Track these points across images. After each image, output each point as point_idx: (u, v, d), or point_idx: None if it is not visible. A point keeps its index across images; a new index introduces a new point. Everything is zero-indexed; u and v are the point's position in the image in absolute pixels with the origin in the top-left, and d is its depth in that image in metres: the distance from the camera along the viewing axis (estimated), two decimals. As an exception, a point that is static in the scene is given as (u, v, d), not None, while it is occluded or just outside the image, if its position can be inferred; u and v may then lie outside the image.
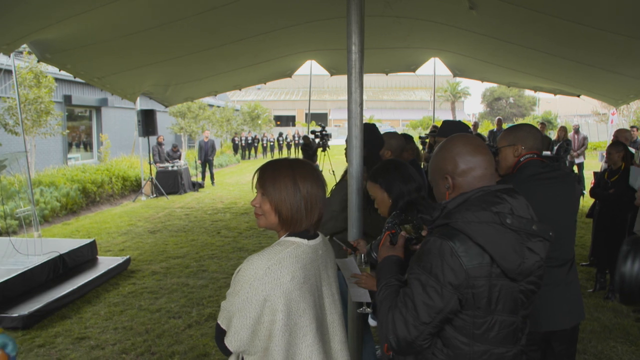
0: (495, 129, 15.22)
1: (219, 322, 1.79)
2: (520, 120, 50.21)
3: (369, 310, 2.76)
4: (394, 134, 4.33)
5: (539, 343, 2.72)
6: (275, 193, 1.82)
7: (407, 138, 5.14)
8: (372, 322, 4.54)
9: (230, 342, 1.75)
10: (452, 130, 3.56)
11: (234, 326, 1.73)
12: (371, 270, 2.64)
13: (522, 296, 1.78)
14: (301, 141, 35.33)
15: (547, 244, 1.80)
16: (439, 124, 10.19)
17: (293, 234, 1.84)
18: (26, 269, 6.07)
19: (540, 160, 2.78)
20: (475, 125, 15.39)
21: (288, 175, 1.82)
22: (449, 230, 1.74)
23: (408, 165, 2.75)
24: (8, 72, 11.80)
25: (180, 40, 6.93)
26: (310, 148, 12.89)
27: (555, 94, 10.09)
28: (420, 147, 9.73)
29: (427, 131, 11.53)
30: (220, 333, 1.79)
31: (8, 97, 13.34)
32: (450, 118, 37.50)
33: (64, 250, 6.78)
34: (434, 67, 12.28)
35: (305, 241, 1.83)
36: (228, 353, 1.80)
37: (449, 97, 59.61)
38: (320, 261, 1.88)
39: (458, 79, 32.74)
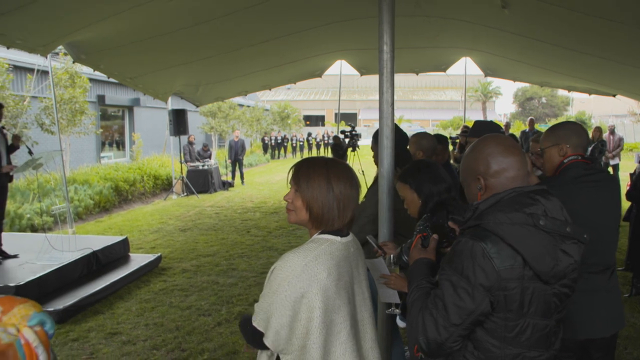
0: (527, 130, 15.00)
1: (255, 324, 1.78)
2: (554, 121, 49.39)
3: (397, 311, 2.75)
4: (426, 134, 4.29)
5: (575, 350, 2.64)
6: (308, 190, 1.82)
7: (440, 139, 5.06)
8: (400, 324, 4.50)
9: (270, 342, 1.75)
10: (485, 130, 3.51)
11: (273, 326, 1.73)
12: (400, 271, 2.62)
13: (556, 299, 1.75)
14: (331, 141, 35.29)
15: (582, 246, 1.77)
16: (470, 124, 10.08)
17: (326, 231, 1.83)
18: (61, 265, 6.20)
19: (584, 162, 2.68)
20: (507, 125, 15.20)
21: (322, 174, 1.82)
22: (481, 231, 1.71)
23: (438, 165, 2.72)
24: (45, 73, 12.10)
25: (210, 41, 7.00)
26: (340, 148, 12.84)
27: (589, 94, 9.89)
28: (451, 147, 9.62)
29: (458, 131, 11.41)
30: (255, 334, 1.79)
31: (44, 97, 13.64)
32: (481, 118, 37.08)
33: (97, 247, 6.91)
34: (465, 67, 12.12)
35: (338, 238, 1.83)
36: (256, 336, 1.80)
37: (480, 97, 58.95)
38: (352, 259, 1.88)
39: (489, 78, 32.36)
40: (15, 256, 6.66)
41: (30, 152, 6.89)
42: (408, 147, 3.96)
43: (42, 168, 6.97)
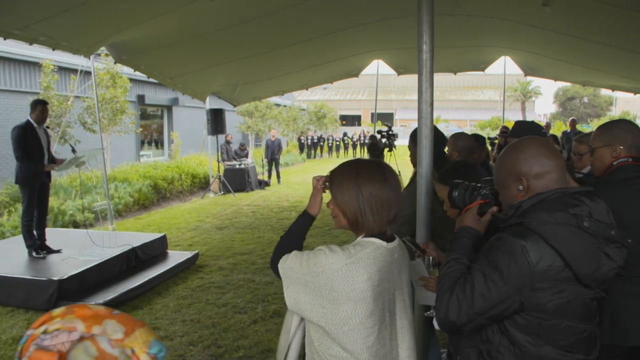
0: (568, 130, 14.67)
1: (279, 265, 1.84)
2: (596, 121, 48.18)
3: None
4: (462, 134, 4.24)
5: (623, 356, 2.56)
6: (339, 196, 1.82)
7: (478, 139, 4.99)
8: (437, 326, 4.46)
9: (283, 268, 1.82)
10: (526, 131, 3.45)
11: (292, 284, 1.78)
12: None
13: (595, 303, 1.72)
14: (367, 141, 35.20)
15: (625, 250, 1.72)
16: (509, 125, 9.91)
17: (370, 235, 1.81)
18: (102, 261, 6.35)
19: (635, 164, 2.56)
20: (547, 126, 14.89)
21: (351, 178, 1.81)
22: (523, 229, 1.70)
23: (478, 166, 2.69)
24: (87, 73, 12.37)
25: (248, 41, 7.06)
26: (377, 148, 12.79)
27: (635, 93, 9.62)
28: (489, 147, 9.48)
29: (497, 132, 11.22)
30: (275, 261, 1.86)
31: (87, 97, 13.97)
32: (520, 118, 36.45)
33: (136, 243, 7.05)
34: (504, 66, 11.90)
35: (384, 243, 1.80)
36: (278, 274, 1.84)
37: (519, 96, 57.96)
38: (395, 265, 1.84)
39: (529, 78, 31.75)
40: (58, 251, 6.85)
41: (73, 151, 7.07)
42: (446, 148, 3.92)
43: (85, 166, 7.13)
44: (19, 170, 6.60)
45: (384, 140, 11.67)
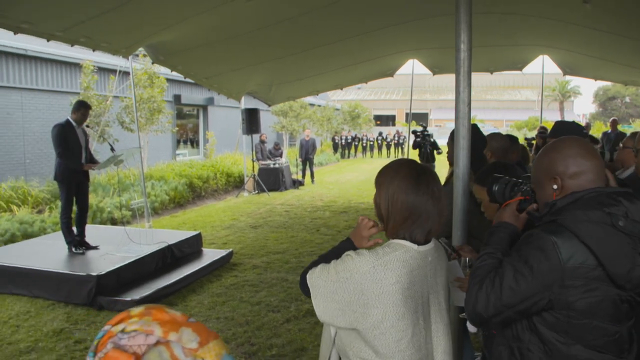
0: (609, 131, 14.31)
1: (307, 276, 1.82)
2: (638, 122, 46.89)
3: None
4: (497, 134, 4.17)
5: None
6: (378, 195, 1.83)
7: (512, 139, 4.91)
8: (471, 329, 4.40)
9: (311, 280, 1.80)
10: (566, 132, 3.37)
11: (318, 295, 1.76)
12: None
13: (627, 306, 1.68)
14: (401, 141, 34.91)
15: None
16: (547, 125, 9.72)
17: (407, 237, 1.78)
18: (138, 257, 6.46)
19: None
20: (587, 126, 14.54)
21: (387, 179, 1.80)
22: (555, 226, 1.69)
23: (516, 167, 2.64)
24: (126, 73, 12.62)
25: (283, 41, 7.09)
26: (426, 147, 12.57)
27: (679, 93, 9.33)
28: (527, 148, 9.32)
29: (534, 132, 11.03)
30: (304, 287, 1.83)
31: (125, 97, 14.23)
32: (558, 119, 35.72)
33: (172, 241, 7.15)
34: (542, 65, 11.67)
35: (414, 246, 1.76)
36: (306, 289, 1.83)
37: (557, 96, 56.76)
38: (429, 268, 1.81)
39: (568, 77, 31.12)
40: (96, 247, 7.00)
41: (112, 149, 7.21)
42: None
43: (123, 164, 7.27)
44: (58, 168, 6.78)
45: (418, 140, 11.55)
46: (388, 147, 36.61)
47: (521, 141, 6.73)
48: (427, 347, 1.80)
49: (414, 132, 11.53)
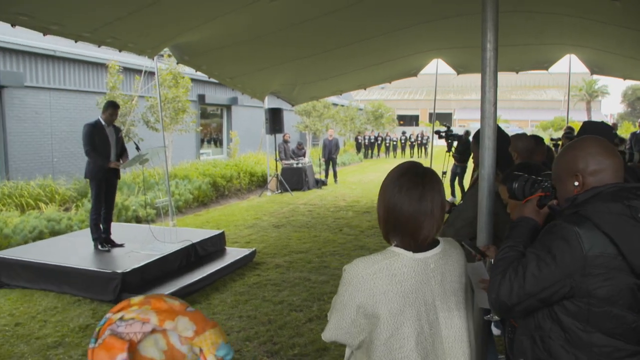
0: (638, 131, 14.05)
1: (328, 314, 1.84)
2: (667, 122, 45.91)
3: (496, 317, 2.65)
4: (521, 135, 4.13)
5: None
6: (379, 197, 1.82)
7: (537, 140, 4.85)
8: (495, 331, 4.36)
9: (325, 334, 1.80)
10: (595, 132, 3.31)
11: (330, 323, 1.78)
12: None
13: None
14: (424, 141, 34.68)
15: None
16: (573, 125, 9.57)
17: (399, 244, 1.77)
18: (162, 255, 6.53)
19: None
20: (614, 126, 14.29)
21: (388, 184, 1.78)
22: (577, 217, 1.76)
23: (543, 167, 2.60)
24: (151, 74, 12.76)
25: (307, 41, 7.10)
26: (464, 146, 12.43)
27: None
28: (552, 148, 9.19)
29: (561, 133, 10.87)
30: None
31: (150, 97, 14.40)
32: (585, 119, 35.18)
33: (196, 239, 7.20)
34: (569, 64, 11.49)
35: (409, 254, 1.74)
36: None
37: (584, 96, 55.87)
38: (432, 275, 1.77)
39: (595, 76, 30.63)
40: (121, 245, 7.09)
41: (137, 148, 7.30)
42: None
43: (148, 163, 7.35)
44: (88, 167, 6.93)
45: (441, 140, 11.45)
46: (411, 147, 36.45)
47: (547, 142, 6.63)
48: (437, 353, 1.76)
49: (437, 132, 11.44)
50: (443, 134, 11.08)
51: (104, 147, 6.90)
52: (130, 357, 0.93)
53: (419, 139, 36.16)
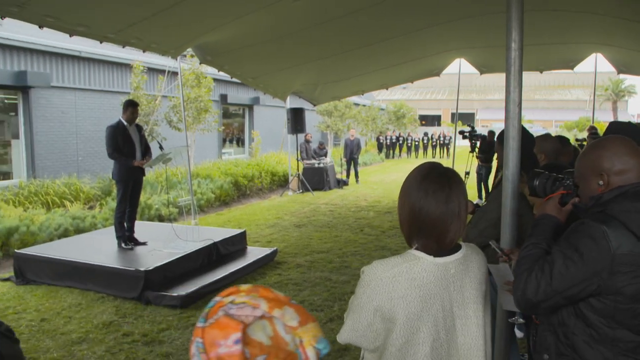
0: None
1: (344, 315, 1.82)
2: (696, 123, 44.97)
3: (521, 320, 2.61)
4: (548, 136, 4.08)
5: None
6: (399, 198, 1.78)
7: (563, 140, 4.79)
8: (518, 334, 4.31)
9: (340, 336, 1.78)
10: (621, 132, 3.25)
11: (346, 325, 1.76)
12: None
13: None
14: (447, 141, 34.44)
15: None
16: (598, 126, 9.42)
17: (420, 248, 1.73)
18: (185, 254, 6.59)
19: None
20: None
21: (412, 186, 1.73)
22: (605, 216, 1.76)
23: (569, 168, 2.56)
24: (174, 74, 12.89)
25: (329, 40, 7.10)
26: (488, 146, 12.27)
27: None
28: (578, 149, 9.05)
29: (585, 133, 10.70)
30: None
31: (173, 97, 14.52)
32: (611, 119, 34.62)
33: (217, 238, 7.26)
34: (595, 64, 11.30)
35: (429, 258, 1.70)
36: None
37: (610, 96, 54.93)
38: (451, 280, 1.72)
39: (622, 75, 30.09)
40: (144, 243, 7.16)
41: (161, 148, 7.37)
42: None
43: (171, 162, 7.42)
44: (115, 167, 7.01)
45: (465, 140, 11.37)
46: (433, 147, 36.24)
47: (571, 142, 6.53)
48: (450, 359, 1.74)
49: (462, 132, 11.35)
50: (467, 134, 11.02)
51: (129, 147, 6.97)
52: (242, 338, 0.97)
53: (441, 139, 35.91)
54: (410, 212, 1.71)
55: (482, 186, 13.09)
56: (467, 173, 10.57)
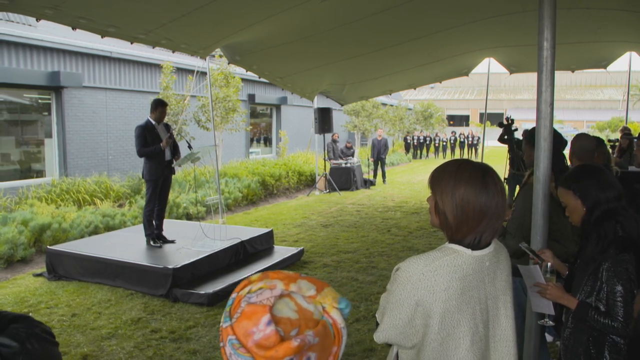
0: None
1: (376, 315, 1.80)
2: None
3: (551, 323, 2.57)
4: (583, 135, 4.01)
5: None
6: (436, 193, 1.76)
7: (597, 141, 4.70)
8: (548, 337, 4.24)
9: (378, 336, 1.75)
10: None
11: (384, 323, 1.73)
12: (557, 280, 2.45)
13: None
14: (474, 142, 34.05)
15: None
16: (632, 127, 9.18)
17: (457, 241, 1.73)
18: (212, 252, 6.65)
19: None
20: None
21: (451, 177, 1.72)
22: None
23: (606, 170, 2.50)
24: (203, 74, 12.98)
25: (357, 40, 7.08)
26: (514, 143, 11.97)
27: None
28: (610, 150, 8.87)
29: (618, 134, 10.45)
30: (377, 324, 1.80)
31: (202, 96, 14.66)
32: (646, 119, 33.80)
33: (245, 237, 7.30)
34: (630, 62, 11.06)
35: (468, 251, 1.71)
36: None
37: (645, 96, 53.76)
38: (486, 273, 1.74)
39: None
40: (172, 241, 7.24)
41: (189, 147, 7.44)
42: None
43: (199, 161, 7.48)
44: (145, 166, 7.10)
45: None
46: (461, 147, 35.89)
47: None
48: (487, 353, 1.74)
49: (500, 124, 10.73)
50: (505, 123, 10.10)
51: (158, 146, 7.05)
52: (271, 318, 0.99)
53: (469, 139, 35.54)
54: (460, 205, 1.70)
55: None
56: (506, 179, 10.00)
